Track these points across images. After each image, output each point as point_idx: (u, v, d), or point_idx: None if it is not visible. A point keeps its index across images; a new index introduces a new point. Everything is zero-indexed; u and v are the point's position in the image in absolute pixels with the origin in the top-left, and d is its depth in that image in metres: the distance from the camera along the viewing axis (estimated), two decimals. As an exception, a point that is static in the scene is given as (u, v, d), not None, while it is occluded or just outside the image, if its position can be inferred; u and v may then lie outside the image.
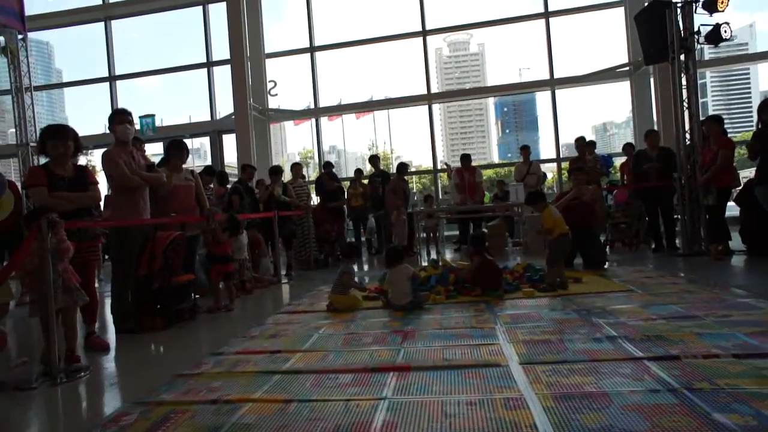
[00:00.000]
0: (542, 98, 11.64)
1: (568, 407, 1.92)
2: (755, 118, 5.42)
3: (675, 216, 6.81)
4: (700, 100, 6.31)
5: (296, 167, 8.21)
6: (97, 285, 5.66)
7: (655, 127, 9.64)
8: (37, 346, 3.25)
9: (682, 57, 6.16)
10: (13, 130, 11.15)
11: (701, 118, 6.29)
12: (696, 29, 6.06)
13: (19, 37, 10.23)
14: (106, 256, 8.17)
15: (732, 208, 6.10)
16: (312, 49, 12.38)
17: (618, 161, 8.75)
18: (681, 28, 6.12)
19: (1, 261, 5.76)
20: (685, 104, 6.18)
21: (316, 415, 2.03)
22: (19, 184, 6.27)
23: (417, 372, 2.47)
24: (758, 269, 5.05)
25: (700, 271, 4.95)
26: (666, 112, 9.19)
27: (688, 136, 6.20)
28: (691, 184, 6.12)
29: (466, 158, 8.80)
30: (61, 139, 3.46)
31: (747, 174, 6.47)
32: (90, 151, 13.65)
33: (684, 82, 6.18)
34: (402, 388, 2.28)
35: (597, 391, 2.06)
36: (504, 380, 2.28)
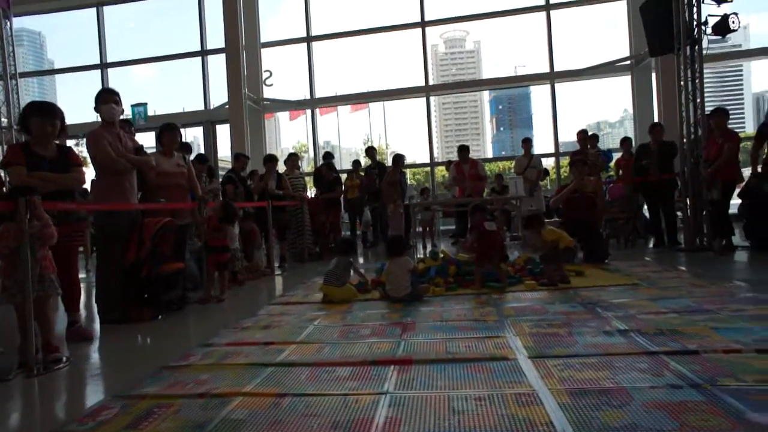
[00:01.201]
0: (537, 95, 11.52)
1: (585, 404, 1.78)
2: (750, 116, 5.31)
3: (676, 211, 6.70)
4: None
5: (292, 158, 8.00)
6: (84, 275, 5.46)
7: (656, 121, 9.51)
8: (13, 336, 3.06)
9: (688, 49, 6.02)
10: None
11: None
12: (704, 20, 5.92)
13: (5, 19, 9.93)
14: (95, 248, 7.95)
15: (733, 206, 5.99)
16: (309, 39, 12.17)
17: (616, 156, 8.64)
18: (688, 18, 5.98)
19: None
20: (690, 97, 6.04)
21: (312, 410, 1.87)
22: None
23: (419, 365, 2.31)
24: (765, 264, 4.94)
25: (704, 266, 4.83)
26: (668, 105, 9.06)
27: (692, 129, 6.07)
28: (694, 178, 6.00)
29: (463, 150, 8.60)
30: (47, 117, 3.25)
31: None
32: (80, 141, 13.38)
33: (689, 74, 6.03)
34: (404, 382, 2.12)
35: (614, 386, 1.92)
36: (513, 375, 2.13)
